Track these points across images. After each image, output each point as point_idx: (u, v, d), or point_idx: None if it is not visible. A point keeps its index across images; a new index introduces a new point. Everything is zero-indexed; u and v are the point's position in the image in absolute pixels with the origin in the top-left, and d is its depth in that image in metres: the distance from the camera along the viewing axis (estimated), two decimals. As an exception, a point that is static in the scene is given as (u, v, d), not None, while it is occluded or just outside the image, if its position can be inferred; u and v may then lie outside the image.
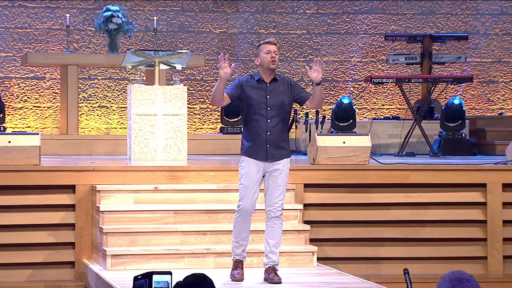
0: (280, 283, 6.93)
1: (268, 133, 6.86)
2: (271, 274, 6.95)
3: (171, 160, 9.73)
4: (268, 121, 6.85)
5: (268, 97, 6.86)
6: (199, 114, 13.89)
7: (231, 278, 7.03)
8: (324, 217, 8.87)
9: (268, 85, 6.90)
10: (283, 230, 7.16)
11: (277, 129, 6.87)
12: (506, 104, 14.46)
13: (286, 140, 6.96)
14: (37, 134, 8.76)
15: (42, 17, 13.57)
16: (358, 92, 14.26)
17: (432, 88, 12.05)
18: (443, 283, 3.75)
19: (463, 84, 13.98)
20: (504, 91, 14.48)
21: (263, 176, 6.94)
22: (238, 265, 7.05)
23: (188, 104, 10.40)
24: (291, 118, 12.86)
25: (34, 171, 8.46)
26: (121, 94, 13.63)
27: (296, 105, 13.76)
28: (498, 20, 14.49)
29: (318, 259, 7.99)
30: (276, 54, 6.87)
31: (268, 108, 6.85)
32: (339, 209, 8.92)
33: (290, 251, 7.90)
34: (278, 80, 6.92)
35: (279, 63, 14.06)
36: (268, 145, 6.87)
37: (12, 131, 12.66)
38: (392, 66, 14.21)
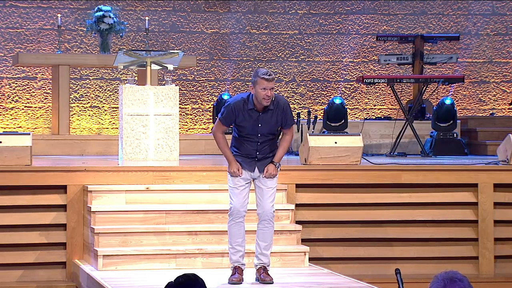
0: (272, 283, 6.92)
1: (258, 153, 6.90)
2: (263, 275, 6.95)
3: (163, 160, 9.72)
4: (259, 143, 6.89)
5: (259, 125, 6.85)
6: (191, 114, 13.88)
7: (228, 282, 6.97)
8: (316, 217, 8.87)
9: (260, 114, 6.86)
10: (275, 230, 7.15)
11: (267, 146, 6.90)
12: (497, 104, 14.49)
13: (274, 150, 6.95)
14: (29, 134, 8.74)
15: (34, 17, 13.55)
16: (350, 92, 14.27)
17: (424, 89, 12.06)
18: (436, 282, 3.76)
19: (454, 84, 14.01)
20: (495, 92, 14.51)
21: (253, 179, 6.94)
22: (236, 271, 6.98)
23: (180, 104, 10.40)
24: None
25: (25, 172, 8.44)
26: (113, 94, 13.61)
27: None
28: (489, 20, 14.52)
29: (310, 259, 7.99)
30: (272, 89, 6.79)
31: (259, 135, 6.87)
32: (331, 209, 8.93)
33: (282, 251, 7.90)
34: (272, 109, 6.85)
35: (271, 64, 14.10)
36: (257, 161, 6.91)
37: (3, 131, 12.63)
38: (384, 67, 14.23)
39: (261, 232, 6.95)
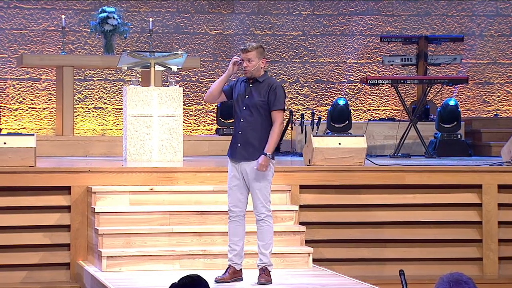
0: (265, 284, 6.91)
1: (240, 132, 6.88)
2: (260, 275, 6.96)
3: (167, 161, 9.73)
4: (241, 120, 6.88)
5: (246, 97, 6.90)
6: (194, 115, 13.88)
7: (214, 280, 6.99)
8: (319, 218, 8.87)
9: (250, 85, 6.93)
10: (279, 231, 7.13)
11: (250, 129, 6.84)
12: (501, 105, 14.48)
13: (262, 140, 6.84)
14: (33, 135, 8.75)
15: (38, 18, 13.56)
16: (353, 93, 14.27)
17: (428, 90, 12.05)
18: (441, 284, 3.75)
19: (458, 85, 14.00)
20: (499, 93, 14.50)
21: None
22: (227, 269, 7.03)
23: (183, 105, 10.40)
24: (286, 120, 12.89)
25: (29, 173, 8.45)
26: (117, 95, 13.63)
27: (291, 106, 13.85)
28: (493, 21, 14.51)
29: (314, 260, 7.99)
30: (250, 61, 6.86)
31: (244, 108, 6.88)
32: (334, 210, 8.92)
33: (286, 252, 7.89)
34: (261, 82, 6.91)
35: (275, 65, 14.09)
36: (239, 145, 6.89)
37: (8, 133, 12.64)
38: (388, 68, 14.22)
39: (258, 232, 6.99)
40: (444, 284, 3.75)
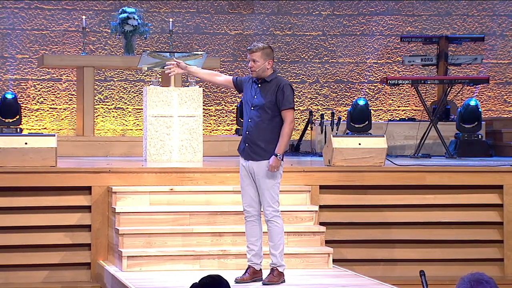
0: (267, 284, 6.90)
1: (247, 132, 6.91)
2: (267, 275, 6.98)
3: (187, 162, 9.75)
4: (249, 120, 6.91)
5: (255, 97, 6.91)
6: (214, 116, 13.90)
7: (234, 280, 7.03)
8: (339, 218, 8.86)
9: (258, 85, 6.94)
10: (298, 232, 7.13)
11: (258, 129, 6.86)
12: (522, 105, 14.40)
13: (269, 141, 6.86)
14: (54, 135, 8.79)
15: (58, 19, 13.62)
16: (373, 93, 14.24)
17: (448, 90, 12.01)
18: (462, 284, 3.75)
19: (479, 85, 13.93)
20: (521, 93, 14.42)
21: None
22: (246, 270, 7.05)
23: (203, 105, 10.41)
24: (306, 120, 12.88)
25: (50, 173, 8.49)
26: (137, 95, 13.67)
27: (311, 106, 13.84)
28: (514, 21, 14.44)
29: (334, 260, 7.98)
30: (255, 61, 6.86)
31: (252, 108, 6.90)
32: (354, 211, 8.91)
33: (306, 252, 7.89)
34: (269, 82, 6.92)
35: (295, 65, 14.08)
36: (247, 144, 6.93)
37: (29, 133, 12.71)
38: (408, 68, 14.18)
39: (268, 232, 7.01)
40: (465, 284, 3.75)
